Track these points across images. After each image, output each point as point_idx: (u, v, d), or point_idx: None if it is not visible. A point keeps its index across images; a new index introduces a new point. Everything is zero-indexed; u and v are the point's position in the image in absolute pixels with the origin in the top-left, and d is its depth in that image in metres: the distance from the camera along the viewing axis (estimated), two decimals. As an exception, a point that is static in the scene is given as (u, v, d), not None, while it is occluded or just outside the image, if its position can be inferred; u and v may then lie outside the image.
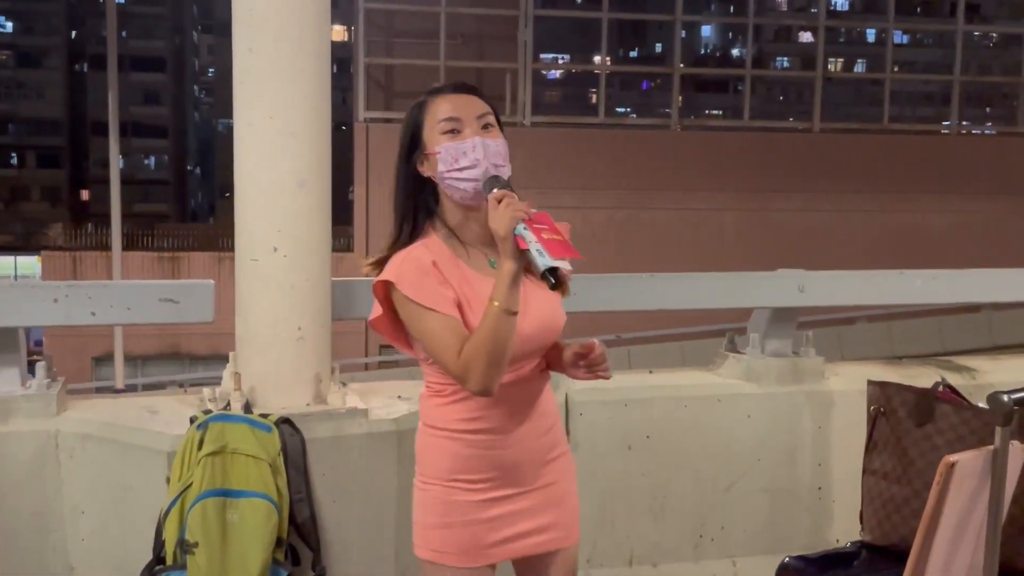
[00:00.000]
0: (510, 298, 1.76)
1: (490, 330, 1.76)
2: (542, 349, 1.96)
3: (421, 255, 1.86)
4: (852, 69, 40.30)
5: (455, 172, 1.87)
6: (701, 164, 14.54)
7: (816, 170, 14.73)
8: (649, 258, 13.18)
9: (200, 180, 66.85)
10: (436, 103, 1.91)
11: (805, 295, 3.52)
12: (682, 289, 3.55)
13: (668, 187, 14.50)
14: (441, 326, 1.82)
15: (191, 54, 64.48)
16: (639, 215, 14.43)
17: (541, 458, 1.98)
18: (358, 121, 14.50)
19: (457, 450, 1.93)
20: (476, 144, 1.86)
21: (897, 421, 2.51)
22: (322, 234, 2.92)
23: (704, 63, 43.18)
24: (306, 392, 2.93)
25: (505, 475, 1.95)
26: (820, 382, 3.56)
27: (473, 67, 14.72)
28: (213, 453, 2.67)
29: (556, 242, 1.72)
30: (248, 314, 2.92)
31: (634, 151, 14.50)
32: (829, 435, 3.53)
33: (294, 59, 2.83)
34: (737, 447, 3.47)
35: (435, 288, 1.83)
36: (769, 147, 14.91)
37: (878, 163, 14.89)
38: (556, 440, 2.03)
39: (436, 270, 1.85)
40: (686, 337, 12.75)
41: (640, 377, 3.58)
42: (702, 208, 14.60)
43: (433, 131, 1.89)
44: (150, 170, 59.26)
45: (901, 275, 3.73)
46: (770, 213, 14.66)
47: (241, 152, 2.90)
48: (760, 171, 14.58)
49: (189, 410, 2.92)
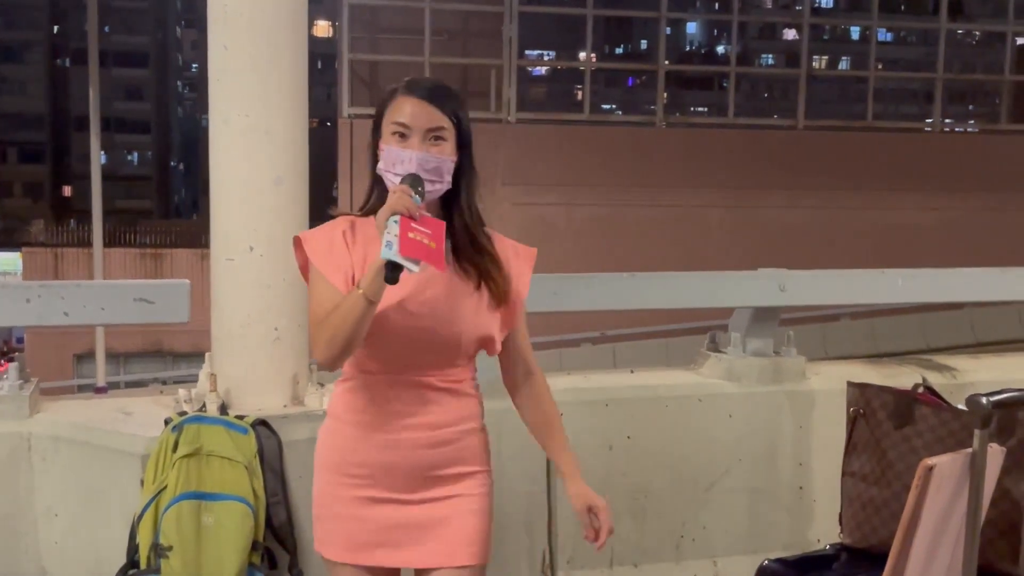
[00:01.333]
0: (371, 286, 1.78)
1: (344, 309, 1.81)
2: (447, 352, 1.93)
3: (338, 225, 1.95)
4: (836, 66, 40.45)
5: (389, 173, 1.91)
6: (686, 161, 14.56)
7: (800, 167, 14.77)
8: (633, 255, 13.19)
9: (183, 176, 66.56)
10: (398, 102, 1.93)
11: (786, 294, 3.51)
12: (663, 289, 3.54)
13: (653, 184, 14.51)
14: (320, 289, 1.89)
15: (174, 49, 64.17)
16: (624, 212, 14.44)
17: (426, 470, 1.95)
18: (342, 117, 14.45)
19: (341, 440, 1.97)
20: (411, 157, 1.89)
21: (876, 423, 2.50)
22: (299, 231, 2.89)
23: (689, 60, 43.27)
24: (283, 393, 2.91)
25: (381, 476, 1.94)
26: (801, 382, 3.55)
27: (458, 63, 14.70)
28: (188, 455, 2.65)
29: (418, 244, 1.74)
30: (224, 314, 2.90)
31: (619, 148, 14.51)
32: (810, 435, 3.52)
33: (270, 55, 2.81)
34: (718, 447, 3.46)
35: (333, 256, 1.91)
36: (754, 144, 14.95)
37: (862, 160, 14.95)
38: (456, 458, 1.97)
39: (344, 240, 1.92)
40: (671, 334, 12.78)
41: (621, 377, 3.56)
42: (687, 205, 14.62)
43: (386, 127, 1.93)
44: (133, 166, 58.99)
45: (882, 274, 3.72)
46: (754, 210, 14.70)
47: (217, 150, 2.88)
48: (744, 168, 14.62)
49: (164, 412, 2.89)
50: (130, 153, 59.05)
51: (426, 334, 1.91)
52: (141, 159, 59.62)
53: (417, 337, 1.90)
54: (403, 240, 1.73)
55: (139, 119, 58.33)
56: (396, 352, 1.91)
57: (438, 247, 1.76)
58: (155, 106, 59.70)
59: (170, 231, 21.61)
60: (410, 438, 1.93)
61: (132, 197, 54.80)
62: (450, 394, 1.96)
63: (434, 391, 1.95)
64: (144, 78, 58.84)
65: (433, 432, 1.95)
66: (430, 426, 1.94)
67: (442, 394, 1.95)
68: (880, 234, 14.69)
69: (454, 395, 1.97)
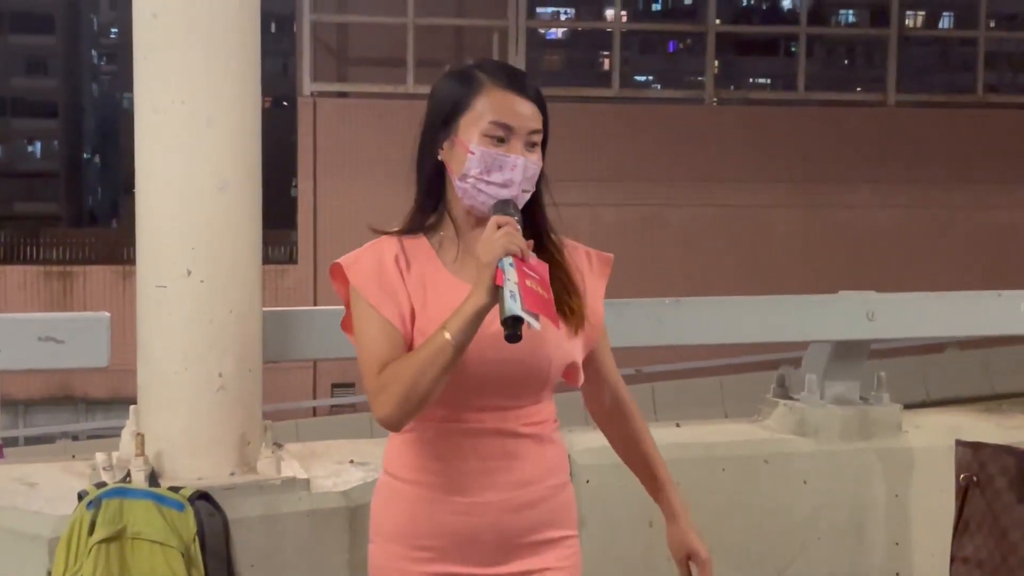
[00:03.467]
0: (464, 333, 1.86)
1: (424, 358, 1.87)
2: (532, 386, 2.01)
3: (389, 247, 2.02)
4: (937, 25, 40.56)
5: (482, 181, 1.98)
6: (743, 148, 14.59)
7: (891, 155, 14.79)
8: (677, 270, 13.20)
9: (100, 172, 66.89)
10: (494, 94, 1.99)
11: (876, 324, 3.52)
12: (716, 318, 3.55)
13: (702, 177, 14.55)
14: (378, 329, 1.96)
15: (88, 10, 64.64)
16: (664, 214, 14.47)
17: (515, 538, 2.01)
18: (303, 95, 14.54)
19: (402, 504, 2.03)
20: (518, 164, 1.98)
21: (995, 494, 2.50)
22: (250, 252, 2.91)
23: (748, 18, 43.40)
24: (229, 458, 2.90)
25: (456, 548, 2.00)
26: (896, 437, 3.55)
27: (451, 25, 14.79)
28: (108, 539, 2.65)
29: (538, 296, 1.82)
30: (153, 356, 2.90)
31: (658, 132, 14.56)
32: (908, 506, 3.52)
33: (212, 24, 2.83)
34: (790, 522, 3.46)
35: (386, 286, 1.98)
36: (831, 125, 14.98)
37: (971, 145, 14.96)
38: (549, 520, 2.05)
39: (397, 266, 2.00)
40: (727, 370, 12.78)
41: (665, 431, 3.57)
42: (746, 204, 14.65)
43: (475, 124, 1.99)
44: (35, 159, 59.26)
45: (999, 297, 3.73)
46: (832, 210, 14.72)
47: (144, 146, 2.89)
48: (819, 157, 14.64)
49: (77, 482, 2.88)
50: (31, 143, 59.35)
51: (509, 367, 1.96)
52: (45, 150, 59.86)
53: (499, 371, 1.97)
54: (524, 290, 1.81)
55: (43, 99, 58.58)
56: (471, 392, 1.97)
57: (549, 295, 1.85)
58: (63, 82, 59.99)
59: (83, 243, 21.69)
60: (494, 501, 2.00)
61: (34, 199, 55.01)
62: (535, 442, 2.04)
63: (518, 439, 2.02)
64: (49, 47, 59.15)
65: (524, 491, 2.01)
66: (516, 484, 2.01)
67: (527, 443, 2.03)
68: (994, 241, 14.69)
69: (540, 443, 2.05)
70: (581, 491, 3.30)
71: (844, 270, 13.25)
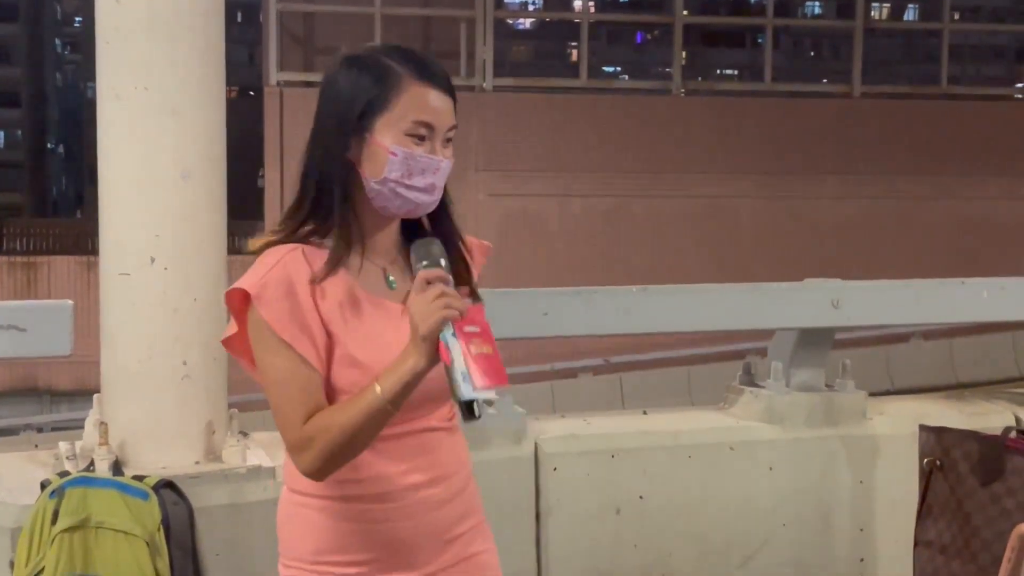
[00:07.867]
0: (402, 396, 1.77)
1: (360, 418, 1.77)
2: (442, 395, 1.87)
3: (297, 267, 1.84)
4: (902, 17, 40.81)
5: (403, 185, 1.86)
6: (711, 139, 14.62)
7: (856, 146, 14.86)
8: (644, 260, 13.24)
9: (63, 161, 66.30)
10: (413, 90, 1.88)
11: (841, 312, 3.53)
12: (683, 307, 3.56)
13: (669, 169, 14.57)
14: (291, 373, 1.82)
15: (52, -2, 63.99)
16: (631, 205, 14.49)
17: (443, 534, 1.96)
18: (269, 85, 14.44)
19: (326, 523, 1.91)
20: (442, 167, 1.88)
21: (957, 478, 2.53)
22: (214, 240, 2.91)
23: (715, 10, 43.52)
24: (194, 446, 2.90)
25: (391, 556, 1.92)
26: (861, 424, 3.58)
27: (418, 15, 14.73)
28: (71, 528, 2.64)
29: (486, 359, 1.72)
30: (117, 345, 2.90)
31: (625, 122, 14.56)
32: (873, 493, 3.54)
33: (176, 12, 2.82)
34: (756, 509, 3.48)
35: (299, 318, 1.82)
36: (797, 117, 15.03)
37: (935, 136, 15.06)
38: (467, 509, 2.01)
39: (309, 293, 1.83)
40: (694, 360, 12.82)
41: (631, 420, 3.59)
42: (712, 195, 14.68)
43: (397, 123, 1.87)
44: (-2, 149, 58.69)
45: (963, 285, 3.76)
46: (798, 201, 14.78)
47: (107, 134, 2.89)
48: (786, 147, 14.70)
49: (40, 471, 2.87)
50: (-6, 132, 58.76)
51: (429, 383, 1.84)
52: (8, 140, 59.36)
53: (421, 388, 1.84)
54: (474, 362, 1.71)
55: (5, 89, 58.06)
56: None
57: (493, 347, 1.74)
58: (27, 71, 59.45)
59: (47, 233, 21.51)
60: (424, 501, 1.93)
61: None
62: (448, 433, 1.99)
63: (433, 432, 1.96)
64: (12, 35, 58.59)
65: (447, 484, 1.96)
66: (444, 478, 1.96)
67: (442, 436, 1.97)
68: (958, 231, 14.79)
69: (451, 433, 2.00)
70: (549, 480, 3.33)
71: (811, 260, 13.30)
